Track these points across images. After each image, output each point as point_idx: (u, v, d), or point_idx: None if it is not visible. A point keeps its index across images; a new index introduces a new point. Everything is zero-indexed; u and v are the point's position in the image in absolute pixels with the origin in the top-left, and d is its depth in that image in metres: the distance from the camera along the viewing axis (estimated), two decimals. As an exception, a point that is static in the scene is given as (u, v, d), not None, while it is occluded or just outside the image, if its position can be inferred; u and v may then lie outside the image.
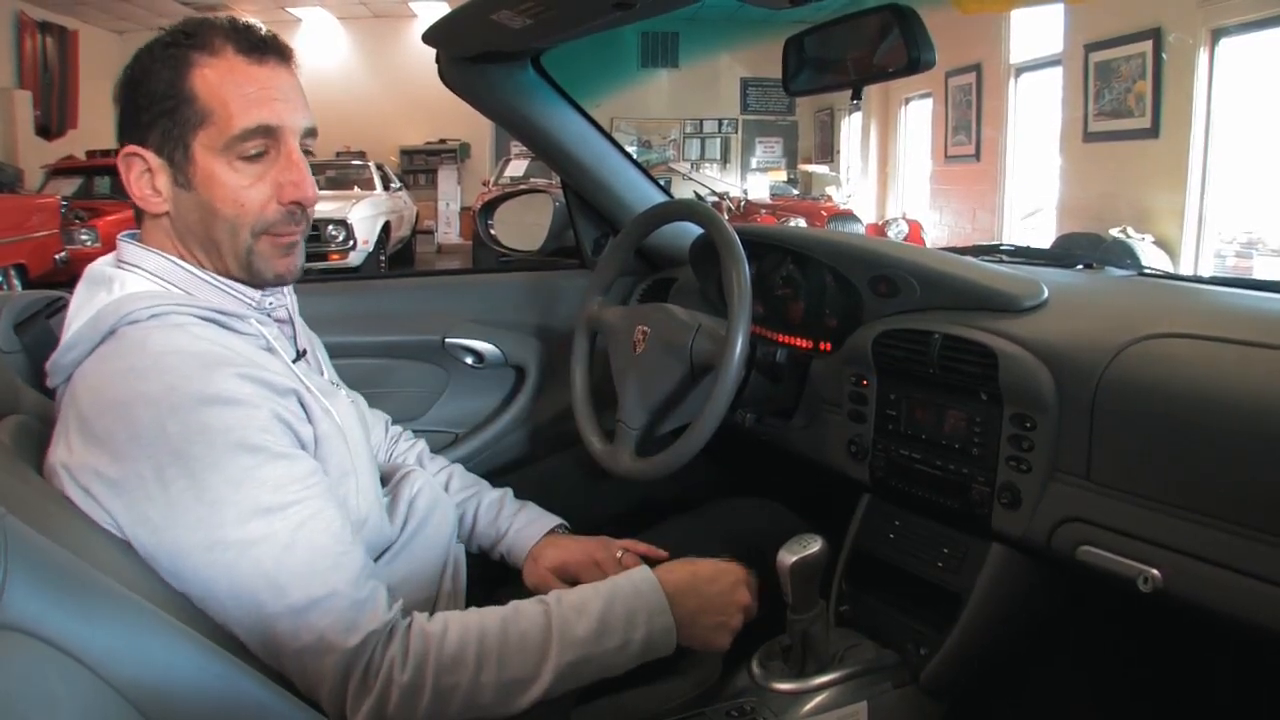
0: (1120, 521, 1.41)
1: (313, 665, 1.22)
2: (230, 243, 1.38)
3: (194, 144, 1.34)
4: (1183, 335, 1.44)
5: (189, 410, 1.20)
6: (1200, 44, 8.95)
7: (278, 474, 1.24)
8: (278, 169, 1.38)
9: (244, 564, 1.19)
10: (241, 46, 1.35)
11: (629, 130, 19.31)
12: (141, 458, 1.18)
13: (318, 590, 1.22)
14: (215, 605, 1.20)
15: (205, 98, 1.32)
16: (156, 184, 1.37)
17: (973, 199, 13.59)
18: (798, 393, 2.05)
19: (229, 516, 1.19)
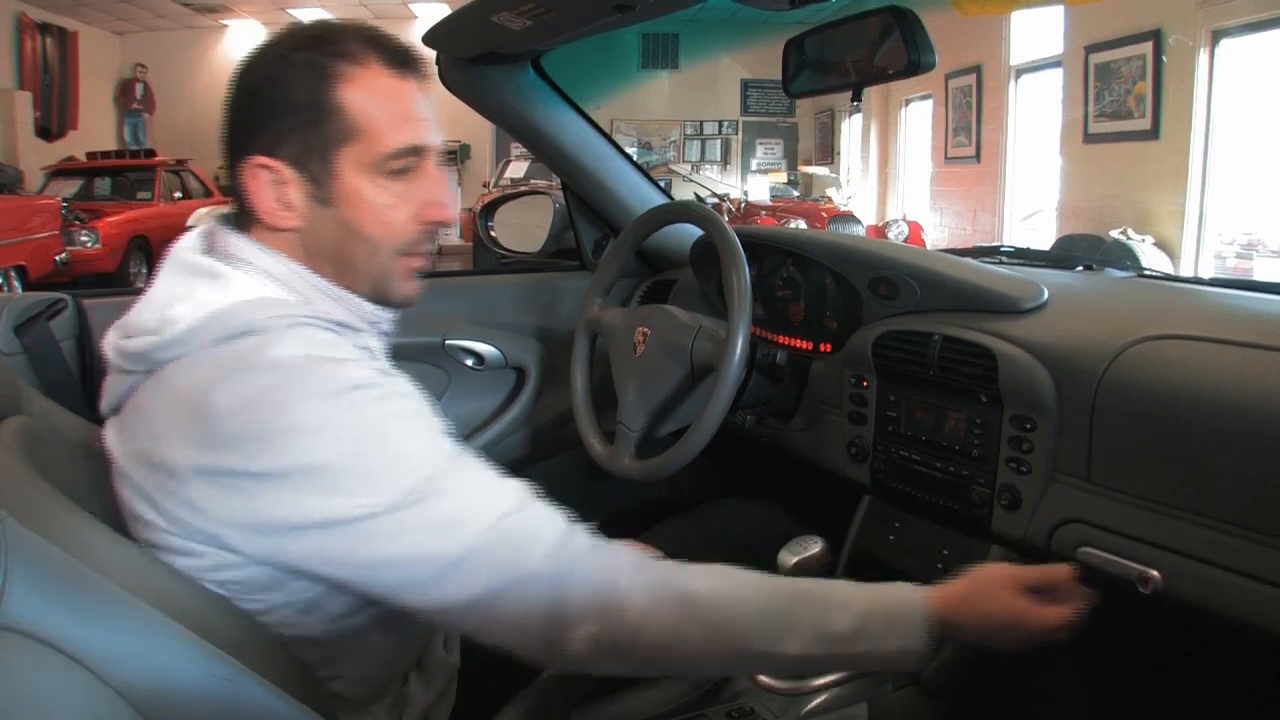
0: (1120, 523, 1.41)
1: (506, 608, 1.17)
2: (368, 263, 1.33)
3: (338, 159, 1.27)
4: (1182, 337, 1.44)
5: (339, 397, 1.15)
6: (1200, 45, 8.94)
7: (436, 433, 1.22)
8: (421, 187, 1.32)
9: (422, 519, 1.15)
10: (387, 59, 1.29)
11: (629, 132, 19.30)
12: (297, 449, 1.13)
13: (498, 525, 1.17)
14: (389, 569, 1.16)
15: (353, 112, 1.25)
16: (288, 197, 1.28)
17: (973, 200, 13.58)
18: (798, 394, 2.05)
19: (401, 481, 1.15)
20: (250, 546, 1.16)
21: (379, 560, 1.15)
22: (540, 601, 1.17)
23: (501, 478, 1.23)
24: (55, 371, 1.94)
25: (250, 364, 1.15)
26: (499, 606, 1.17)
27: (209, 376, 1.16)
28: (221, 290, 1.24)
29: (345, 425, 1.14)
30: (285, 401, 1.13)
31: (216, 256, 1.30)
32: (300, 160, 1.27)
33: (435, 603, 1.17)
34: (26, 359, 1.90)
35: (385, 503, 1.12)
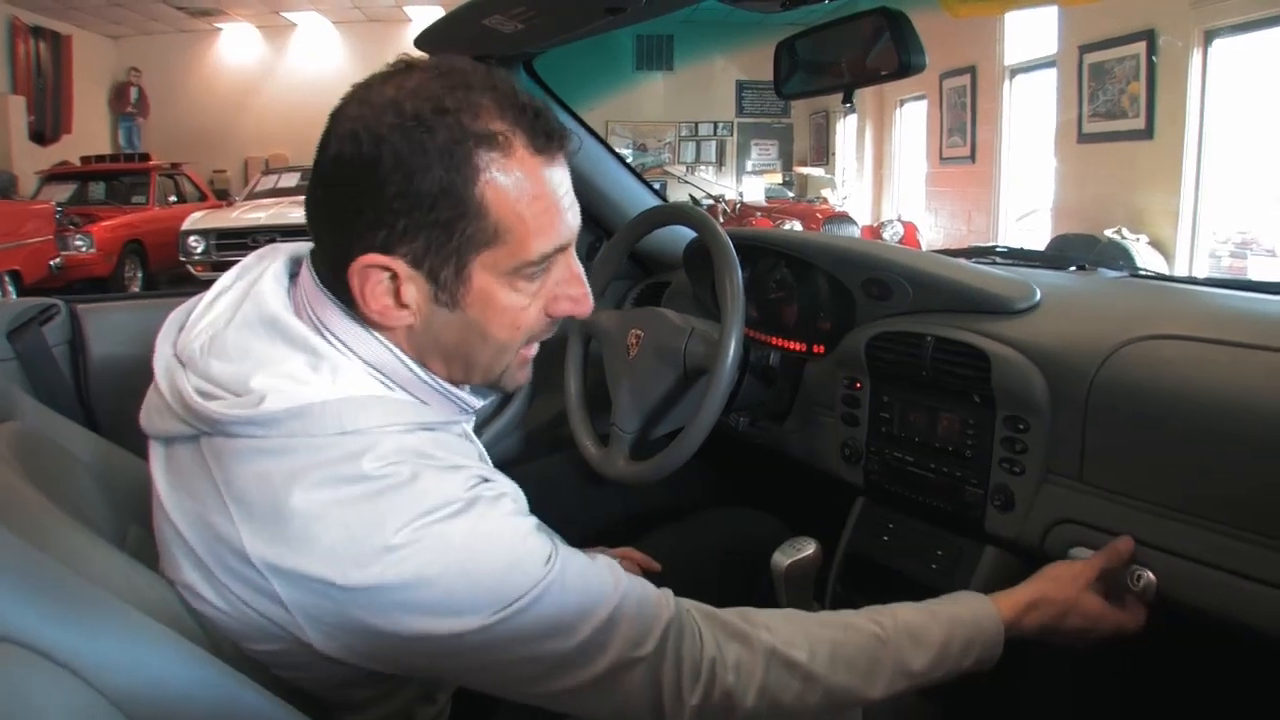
0: (1113, 523, 1.42)
1: (618, 690, 1.15)
2: (490, 363, 1.23)
3: (473, 264, 1.13)
4: (1175, 337, 1.44)
5: (441, 512, 1.07)
6: (1193, 45, 8.95)
7: (537, 540, 1.14)
8: (555, 281, 1.21)
9: (527, 626, 1.09)
10: (534, 141, 1.12)
11: (624, 134, 19.30)
12: (399, 565, 1.05)
13: (602, 613, 1.14)
14: (496, 672, 1.12)
15: (498, 214, 1.10)
16: (403, 296, 1.14)
17: (968, 201, 13.58)
18: (791, 396, 2.06)
19: (509, 595, 1.08)
20: (331, 645, 1.10)
21: (483, 665, 1.11)
22: (646, 684, 1.16)
23: (596, 564, 1.19)
24: (48, 377, 1.94)
25: (347, 472, 1.07)
26: (609, 691, 1.15)
27: (297, 472, 1.07)
28: (319, 374, 1.13)
29: (443, 541, 1.07)
30: (381, 517, 1.05)
31: (305, 318, 1.18)
32: (424, 260, 1.12)
33: (539, 698, 1.15)
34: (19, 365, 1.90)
35: (492, 619, 1.07)
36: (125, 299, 2.29)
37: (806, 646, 1.24)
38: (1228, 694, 1.74)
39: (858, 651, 1.27)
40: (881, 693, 1.26)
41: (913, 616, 1.33)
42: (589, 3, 1.71)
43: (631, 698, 1.15)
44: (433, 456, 1.11)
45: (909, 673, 1.28)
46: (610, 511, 2.16)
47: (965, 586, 1.64)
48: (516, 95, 1.12)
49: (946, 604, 1.37)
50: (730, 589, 1.75)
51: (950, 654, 1.30)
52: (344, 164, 1.09)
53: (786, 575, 1.54)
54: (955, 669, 1.31)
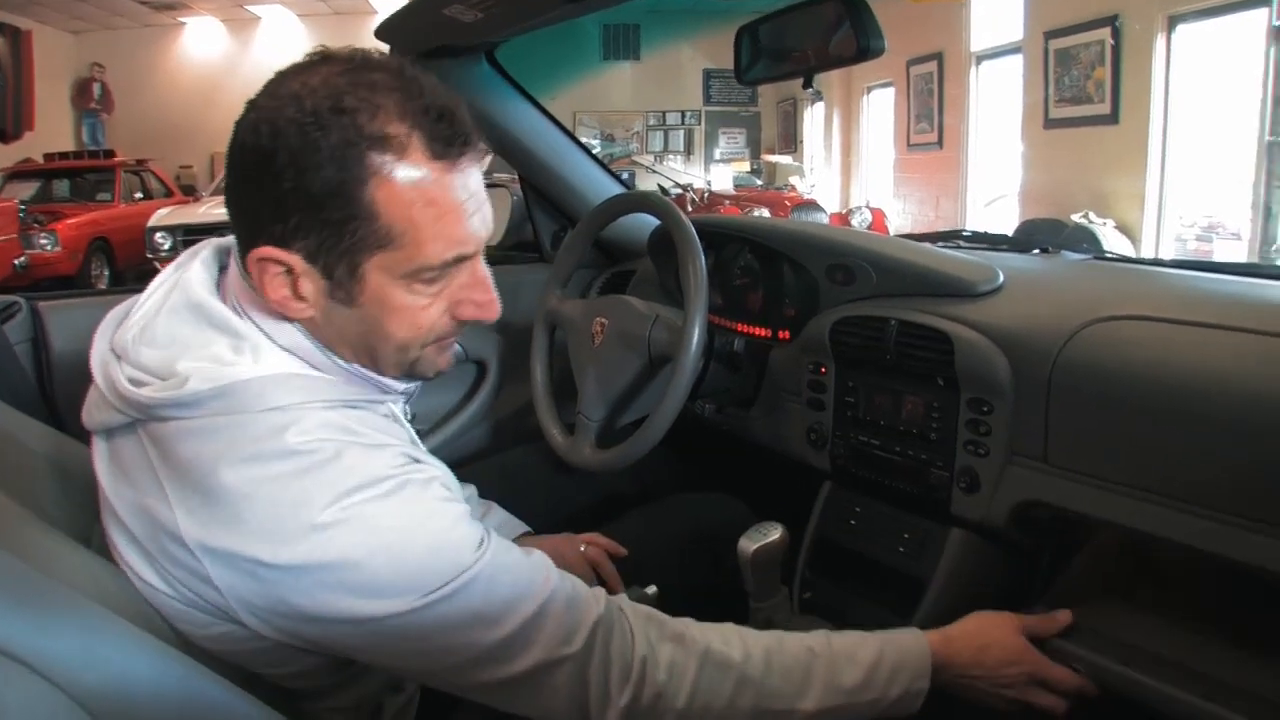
0: (1077, 503, 1.42)
1: (544, 681, 1.15)
2: (395, 357, 1.22)
3: (366, 264, 1.12)
4: (1137, 317, 1.45)
5: (368, 491, 1.08)
6: (1157, 30, 9.00)
7: (465, 528, 1.15)
8: (460, 285, 1.19)
9: (452, 615, 1.10)
10: (433, 145, 1.10)
11: (592, 124, 19.29)
12: (325, 545, 1.06)
13: (529, 608, 1.14)
14: (423, 660, 1.13)
15: (390, 218, 1.09)
16: (301, 290, 1.14)
17: (936, 187, 13.62)
18: (757, 382, 2.06)
19: (433, 580, 1.09)
20: (264, 627, 1.11)
21: (408, 651, 1.12)
22: (572, 682, 1.16)
23: (528, 558, 1.20)
24: (10, 376, 1.92)
25: (271, 448, 1.07)
26: (532, 689, 1.16)
27: (223, 452, 1.08)
28: (242, 356, 1.14)
29: (369, 522, 1.08)
30: (307, 495, 1.06)
31: (230, 305, 1.19)
32: (317, 257, 1.11)
33: (466, 689, 1.16)
34: (-18, 363, 1.88)
35: (417, 602, 1.08)
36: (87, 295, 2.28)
37: (741, 649, 1.25)
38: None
39: (792, 660, 1.27)
40: (813, 705, 1.25)
41: (846, 636, 1.34)
42: (548, -10, 1.70)
43: (557, 696, 1.16)
44: (357, 433, 1.13)
45: (840, 689, 1.27)
46: (578, 499, 2.17)
47: (933, 569, 1.65)
48: (423, 97, 1.11)
49: (882, 634, 1.37)
50: (697, 574, 1.76)
51: (879, 675, 1.30)
52: (246, 154, 1.09)
53: (753, 560, 1.54)
54: (884, 695, 1.30)
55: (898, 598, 1.69)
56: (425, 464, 1.18)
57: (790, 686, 1.25)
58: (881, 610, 1.70)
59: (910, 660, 1.33)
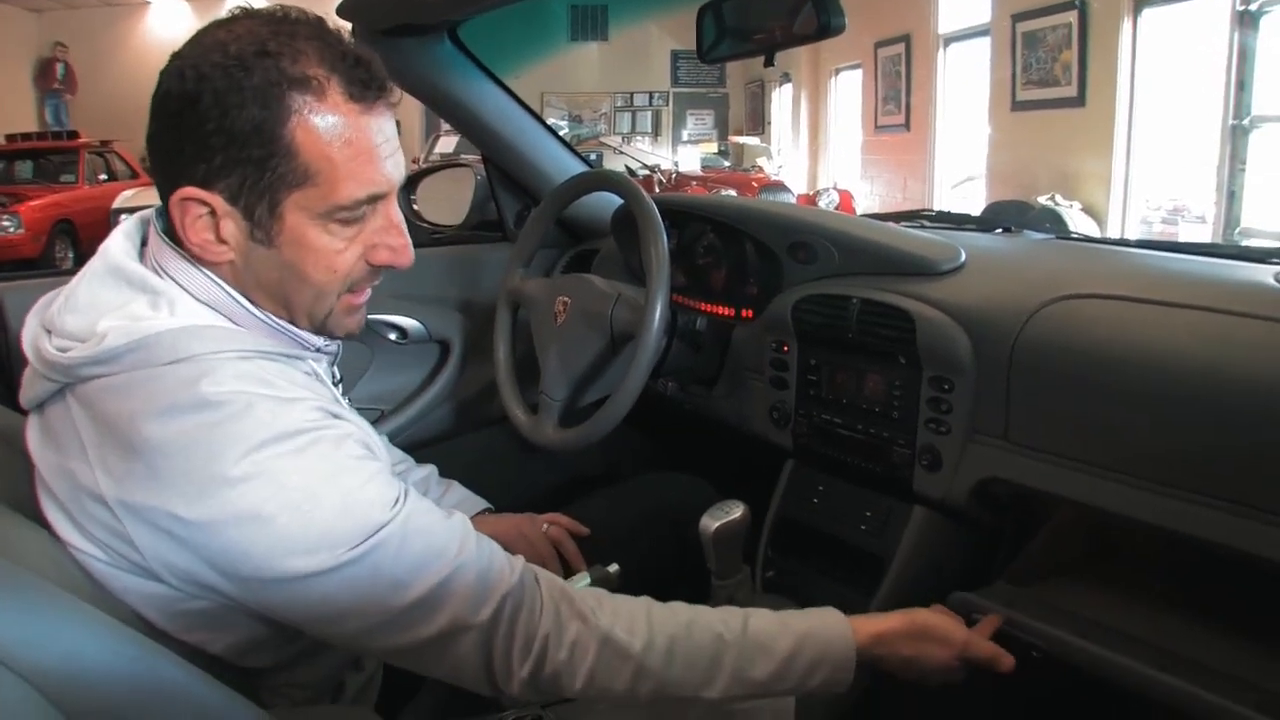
0: (1038, 480, 1.43)
1: (450, 652, 1.17)
2: (310, 305, 1.25)
3: (285, 203, 1.16)
4: (1097, 296, 1.45)
5: (279, 444, 1.10)
6: (1123, 14, 9.04)
7: (378, 486, 1.17)
8: (375, 229, 1.23)
9: (362, 576, 1.11)
10: (350, 88, 1.15)
11: (559, 105, 19.25)
12: (235, 499, 1.07)
13: (439, 574, 1.15)
14: (333, 623, 1.14)
15: (308, 155, 1.13)
16: (222, 232, 1.18)
17: (903, 168, 13.65)
18: (720, 361, 2.06)
19: (342, 539, 1.10)
20: (187, 585, 1.12)
21: (321, 615, 1.13)
22: (477, 650, 1.17)
23: (446, 521, 1.21)
24: (-31, 357, 1.90)
25: (185, 401, 1.09)
26: (441, 653, 1.17)
27: (140, 406, 1.09)
28: (159, 311, 1.16)
29: (280, 477, 1.09)
30: (221, 446, 1.08)
31: (150, 266, 1.22)
32: (239, 197, 1.16)
33: (376, 649, 1.17)
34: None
35: (329, 561, 1.09)
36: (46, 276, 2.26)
37: (645, 636, 1.24)
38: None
39: (697, 651, 1.25)
40: (719, 694, 1.25)
41: (764, 625, 1.31)
42: (509, -33, 1.70)
43: (465, 662, 1.18)
44: (272, 384, 1.14)
45: (749, 680, 1.26)
46: (543, 479, 2.17)
47: (895, 547, 1.66)
48: (341, 45, 1.17)
49: (804, 618, 1.34)
50: (661, 553, 1.76)
51: (795, 669, 1.28)
52: (170, 100, 1.13)
53: (714, 538, 1.54)
54: (801, 685, 1.29)
55: (860, 575, 1.70)
56: (343, 420, 1.19)
57: (694, 676, 1.25)
58: (844, 588, 1.71)
59: (833, 654, 1.31)
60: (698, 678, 1.24)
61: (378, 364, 2.50)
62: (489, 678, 1.19)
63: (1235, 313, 1.31)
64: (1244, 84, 7.81)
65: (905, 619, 1.38)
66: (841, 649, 1.31)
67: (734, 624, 1.29)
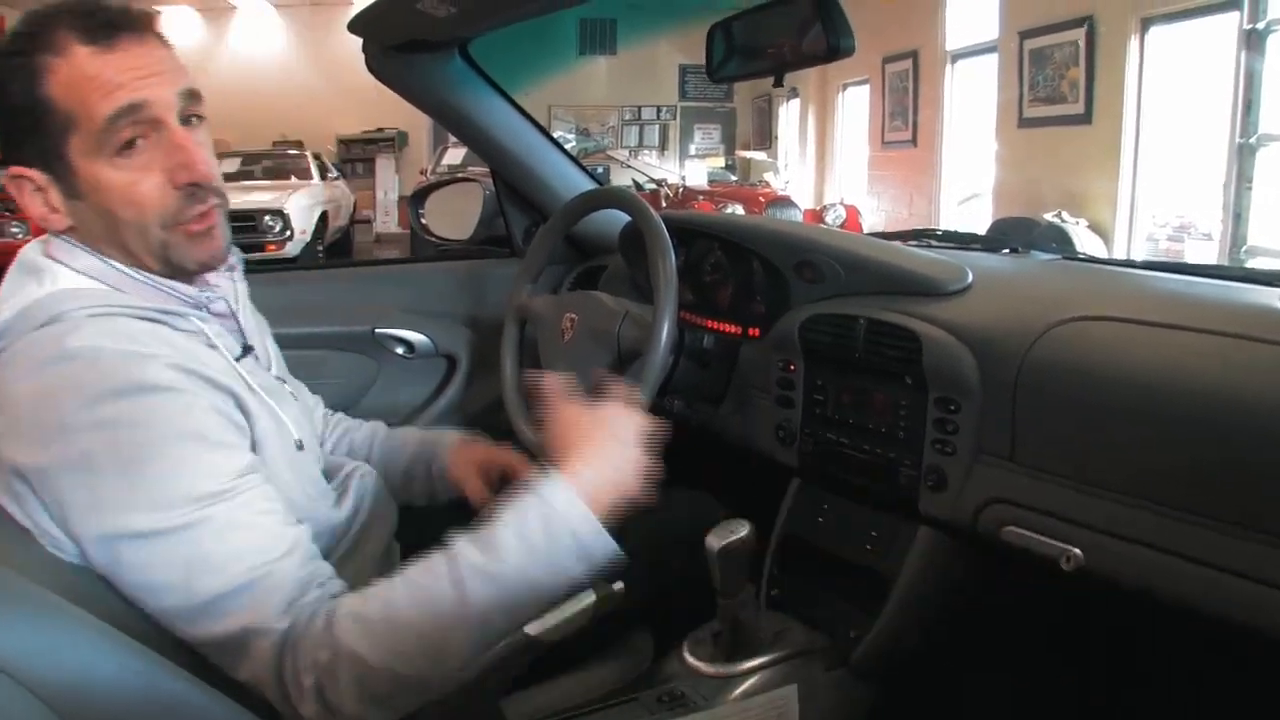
0: (1044, 502, 1.42)
1: (248, 651, 1.17)
2: (141, 242, 1.31)
3: (69, 153, 1.26)
4: (1104, 318, 1.45)
5: (121, 398, 1.15)
6: (1131, 32, 9.05)
7: (216, 461, 1.20)
8: (162, 153, 1.29)
9: (180, 550, 1.15)
10: (86, 37, 1.25)
11: (567, 118, 19.30)
12: (70, 446, 1.14)
13: (252, 574, 1.17)
14: (148, 594, 1.16)
15: (63, 102, 1.24)
16: (50, 200, 1.30)
17: (910, 185, 13.67)
18: (726, 379, 2.05)
19: (163, 503, 1.14)
20: (63, 542, 1.18)
21: (138, 583, 1.17)
22: (274, 656, 1.17)
23: (282, 524, 1.25)
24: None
25: (47, 354, 1.18)
26: (241, 653, 1.18)
27: (16, 369, 1.19)
28: (42, 286, 1.27)
29: (118, 432, 1.15)
30: (64, 396, 1.15)
31: (50, 257, 1.32)
32: (42, 163, 1.28)
33: (186, 635, 1.18)
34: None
35: (147, 524, 1.14)
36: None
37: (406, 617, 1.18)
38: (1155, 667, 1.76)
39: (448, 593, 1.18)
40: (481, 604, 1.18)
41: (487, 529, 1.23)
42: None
43: (261, 668, 1.18)
44: (133, 339, 1.21)
45: (498, 574, 1.19)
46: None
47: (900, 567, 1.66)
48: (87, 3, 1.28)
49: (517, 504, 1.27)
50: (666, 570, 1.76)
51: (529, 531, 1.22)
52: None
53: (720, 557, 1.54)
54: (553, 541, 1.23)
55: (865, 595, 1.69)
56: (204, 383, 1.24)
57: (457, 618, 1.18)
58: (849, 606, 1.71)
59: (550, 497, 1.25)
60: (458, 615, 1.18)
61: (384, 377, 2.51)
62: (281, 691, 1.17)
63: (1243, 336, 1.31)
64: (1251, 102, 7.83)
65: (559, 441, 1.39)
66: (553, 488, 1.26)
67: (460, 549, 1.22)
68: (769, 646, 1.66)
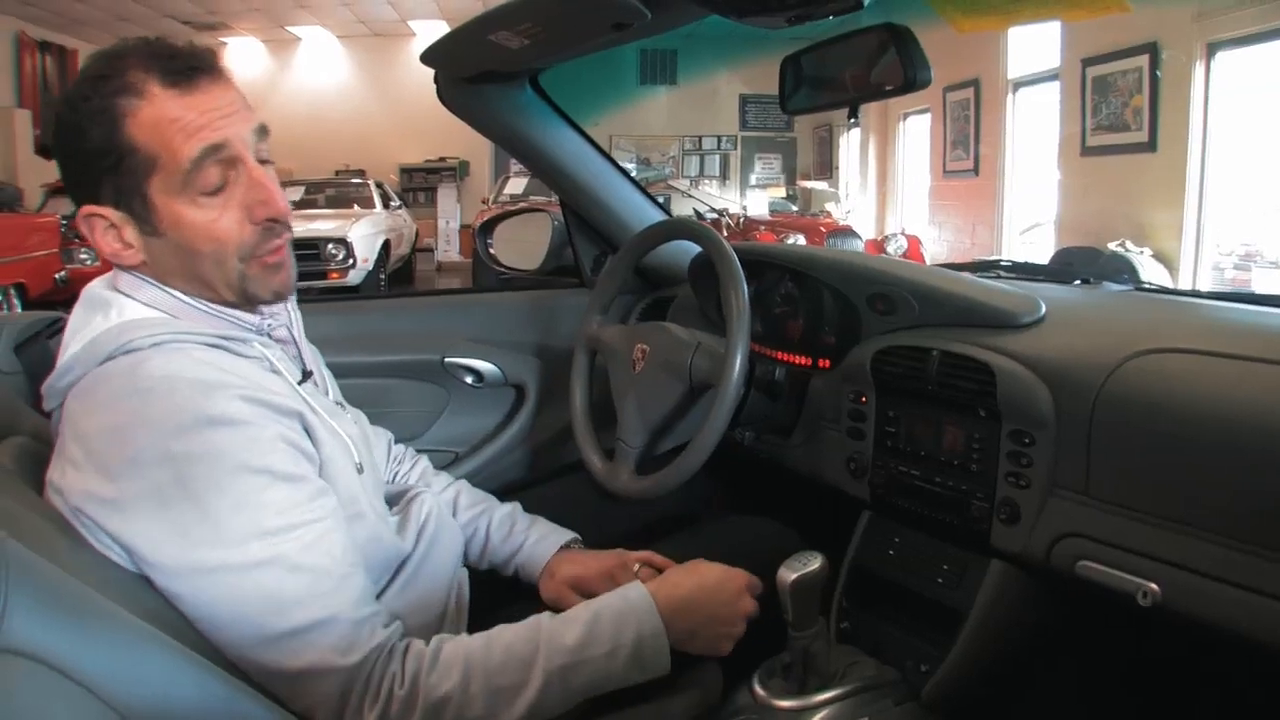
0: (1119, 536, 1.41)
1: (311, 686, 1.22)
2: (219, 275, 1.36)
3: (150, 192, 1.30)
4: (1179, 350, 1.44)
5: (190, 432, 1.17)
6: (1196, 58, 8.97)
7: (282, 496, 1.24)
8: (242, 191, 1.34)
9: (246, 586, 1.18)
10: (167, 79, 1.29)
11: (628, 148, 19.37)
12: (141, 479, 1.16)
13: (320, 612, 1.22)
14: (213, 627, 1.19)
15: (147, 145, 1.28)
16: (125, 237, 1.34)
17: (971, 214, 13.60)
18: (797, 410, 2.05)
19: (232, 539, 1.18)
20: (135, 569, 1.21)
21: (207, 617, 1.19)
22: (340, 691, 1.23)
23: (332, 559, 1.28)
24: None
25: (120, 388, 1.21)
26: (304, 687, 1.23)
27: (88, 402, 1.23)
28: (108, 319, 1.31)
29: (188, 466, 1.17)
30: (137, 431, 1.18)
31: (115, 290, 1.37)
32: (119, 201, 1.31)
33: (250, 667, 1.21)
34: (26, 378, 1.90)
35: (214, 561, 1.18)
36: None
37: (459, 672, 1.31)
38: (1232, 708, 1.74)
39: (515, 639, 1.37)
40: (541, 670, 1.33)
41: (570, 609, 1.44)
42: (595, 19, 1.71)
43: (322, 702, 1.23)
44: (203, 367, 1.25)
45: (562, 648, 1.36)
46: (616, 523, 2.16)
47: (971, 601, 1.64)
48: (162, 46, 1.32)
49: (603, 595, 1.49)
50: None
51: (603, 627, 1.40)
52: (55, 148, 1.33)
53: (792, 589, 1.54)
54: (616, 645, 1.40)
55: (935, 629, 1.68)
56: (272, 414, 1.27)
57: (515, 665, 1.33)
58: (919, 641, 1.70)
59: (632, 607, 1.44)
60: (520, 666, 1.33)
61: (453, 406, 2.53)
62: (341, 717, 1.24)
63: None
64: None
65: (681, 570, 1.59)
66: (638, 598, 1.45)
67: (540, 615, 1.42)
68: (839, 680, 1.65)
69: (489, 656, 1.32)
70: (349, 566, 1.30)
